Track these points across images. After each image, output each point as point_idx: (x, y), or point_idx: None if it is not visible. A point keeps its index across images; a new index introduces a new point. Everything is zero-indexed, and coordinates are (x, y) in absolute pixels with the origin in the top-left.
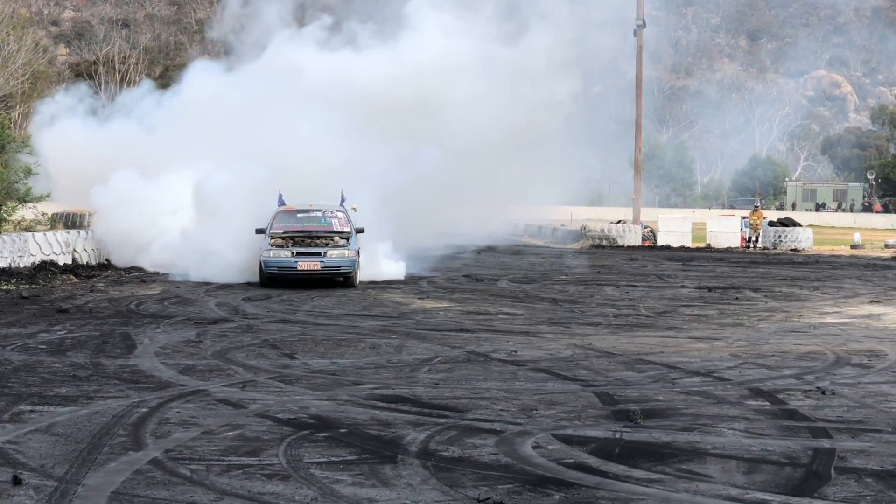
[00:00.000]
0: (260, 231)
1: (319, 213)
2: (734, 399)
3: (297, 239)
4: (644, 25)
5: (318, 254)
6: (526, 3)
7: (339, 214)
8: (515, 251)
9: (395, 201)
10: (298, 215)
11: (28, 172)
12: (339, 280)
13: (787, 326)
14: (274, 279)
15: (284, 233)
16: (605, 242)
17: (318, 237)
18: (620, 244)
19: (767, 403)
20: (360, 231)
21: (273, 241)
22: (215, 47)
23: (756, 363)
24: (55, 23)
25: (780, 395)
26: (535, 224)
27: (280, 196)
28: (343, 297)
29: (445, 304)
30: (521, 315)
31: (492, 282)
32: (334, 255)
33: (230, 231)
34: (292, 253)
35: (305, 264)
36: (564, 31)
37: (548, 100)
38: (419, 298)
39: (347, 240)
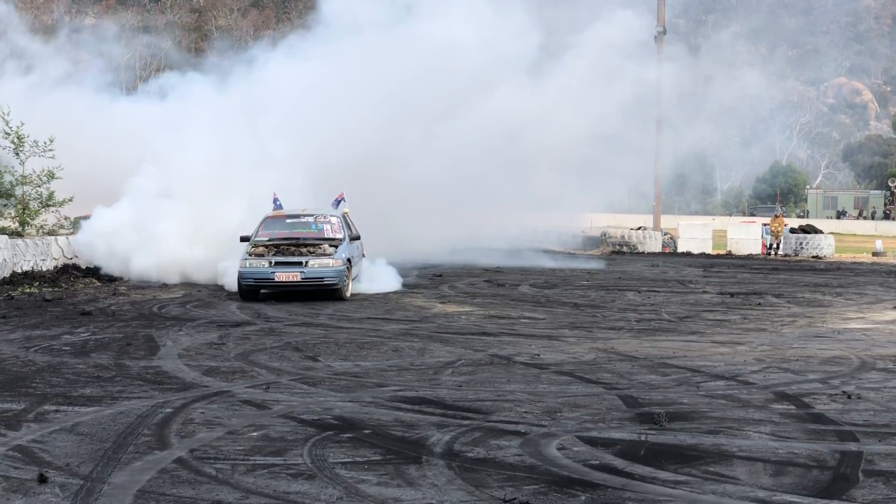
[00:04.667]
0: (245, 239)
1: (311, 219)
2: (759, 403)
3: (281, 247)
4: (664, 32)
5: (299, 264)
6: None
7: (333, 220)
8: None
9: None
10: (287, 221)
11: (51, 177)
12: (327, 292)
13: (810, 331)
14: (252, 292)
15: (269, 240)
16: (625, 249)
17: (304, 245)
18: (641, 251)
19: (793, 407)
20: (356, 238)
21: (254, 249)
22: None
23: (780, 367)
24: (76, 30)
25: (806, 399)
26: (556, 230)
27: (275, 199)
28: (364, 302)
29: (467, 309)
30: (543, 319)
31: (513, 286)
32: (316, 265)
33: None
34: (270, 263)
35: (283, 275)
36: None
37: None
38: (441, 303)
39: (336, 248)
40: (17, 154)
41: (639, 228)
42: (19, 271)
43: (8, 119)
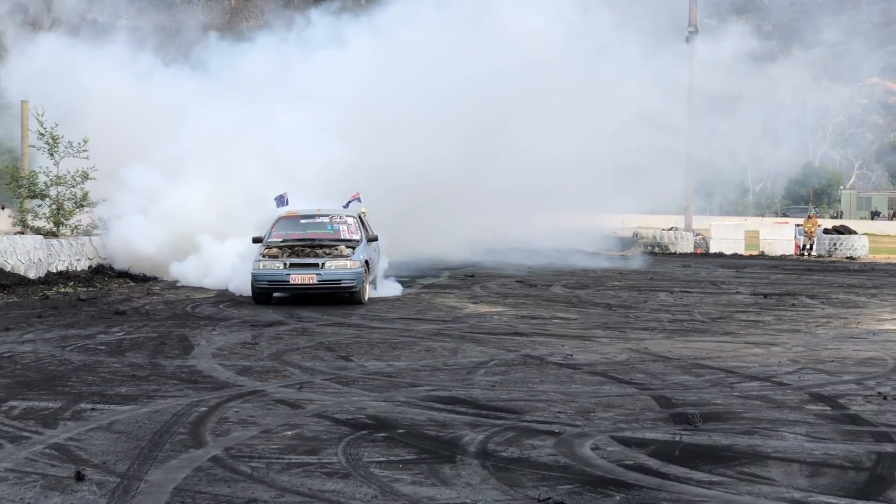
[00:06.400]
0: (257, 240)
1: (326, 219)
2: (794, 404)
3: (296, 249)
4: (696, 32)
5: (316, 265)
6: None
7: (350, 220)
8: None
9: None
10: (302, 221)
11: (85, 177)
12: (344, 295)
13: (845, 332)
14: (265, 295)
15: (283, 241)
16: (657, 249)
17: (320, 246)
18: (672, 251)
19: (828, 408)
20: (374, 239)
21: (267, 251)
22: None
23: (815, 368)
24: (108, 31)
25: (841, 400)
26: (587, 231)
27: (283, 198)
28: (396, 302)
29: (499, 309)
30: (576, 319)
31: (545, 287)
32: (333, 267)
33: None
34: (285, 265)
35: (299, 277)
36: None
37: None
38: (473, 303)
39: (353, 249)
40: (52, 155)
41: (670, 229)
42: (54, 271)
43: (42, 120)
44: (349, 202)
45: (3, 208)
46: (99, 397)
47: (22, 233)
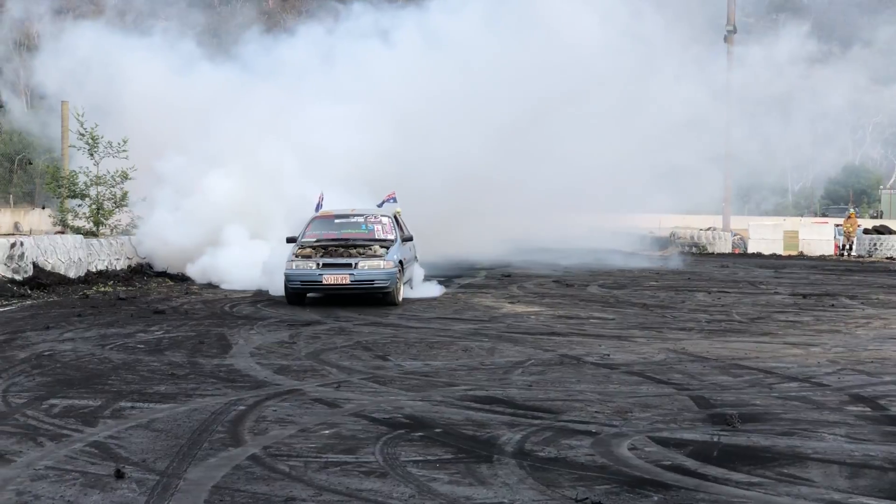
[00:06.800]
0: (291, 240)
1: (361, 219)
2: (834, 404)
3: (329, 249)
4: (735, 31)
5: (349, 265)
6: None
7: (385, 220)
8: None
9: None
10: (336, 221)
11: (124, 177)
12: (378, 296)
13: (885, 333)
14: (298, 295)
15: (317, 241)
16: (694, 249)
17: (353, 246)
18: (710, 251)
19: (868, 409)
20: (409, 239)
21: (300, 250)
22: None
23: (855, 369)
24: (147, 33)
25: (882, 402)
26: (624, 231)
27: (320, 200)
28: (434, 302)
29: (536, 309)
30: (613, 319)
31: (581, 287)
32: (367, 267)
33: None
34: (318, 264)
35: (332, 277)
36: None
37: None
38: (510, 303)
39: (388, 249)
40: (92, 155)
41: (708, 229)
42: (94, 270)
43: (82, 120)
44: (383, 202)
45: (43, 208)
46: (138, 396)
47: (62, 232)
